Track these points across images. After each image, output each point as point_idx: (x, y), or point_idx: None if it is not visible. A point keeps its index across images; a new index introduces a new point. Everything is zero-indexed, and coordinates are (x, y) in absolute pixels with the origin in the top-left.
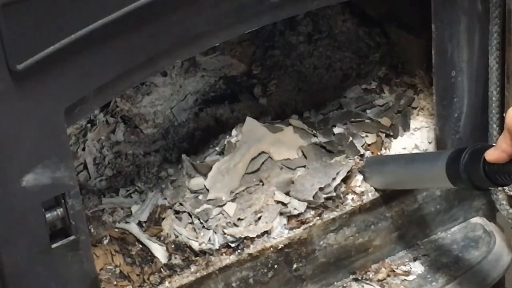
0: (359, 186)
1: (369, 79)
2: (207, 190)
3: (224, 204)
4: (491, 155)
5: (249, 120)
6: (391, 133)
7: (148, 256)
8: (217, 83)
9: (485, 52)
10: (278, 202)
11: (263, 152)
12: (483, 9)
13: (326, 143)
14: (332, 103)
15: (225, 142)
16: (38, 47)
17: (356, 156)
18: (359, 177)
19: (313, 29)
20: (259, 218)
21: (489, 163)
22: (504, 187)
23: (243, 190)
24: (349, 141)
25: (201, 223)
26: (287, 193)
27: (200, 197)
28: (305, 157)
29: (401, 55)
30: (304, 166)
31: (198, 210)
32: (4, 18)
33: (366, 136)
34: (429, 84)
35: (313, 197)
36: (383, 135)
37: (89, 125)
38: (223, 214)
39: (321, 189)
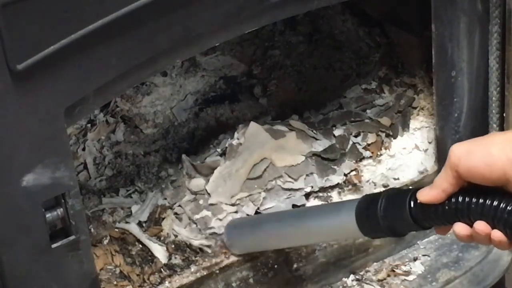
0: (359, 183)
1: (369, 79)
2: (208, 194)
3: (224, 217)
4: (426, 195)
5: (252, 125)
6: (391, 133)
7: (148, 256)
8: (217, 83)
9: (485, 52)
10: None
11: (265, 158)
12: (483, 9)
13: (327, 149)
14: (332, 103)
15: (227, 145)
16: (38, 47)
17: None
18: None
19: (313, 29)
20: None
21: (417, 206)
22: None
23: (246, 197)
24: (350, 144)
25: (200, 229)
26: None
27: (201, 201)
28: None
29: (401, 55)
30: (306, 174)
31: (197, 216)
32: (4, 18)
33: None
34: (429, 84)
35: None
36: (383, 135)
37: (89, 125)
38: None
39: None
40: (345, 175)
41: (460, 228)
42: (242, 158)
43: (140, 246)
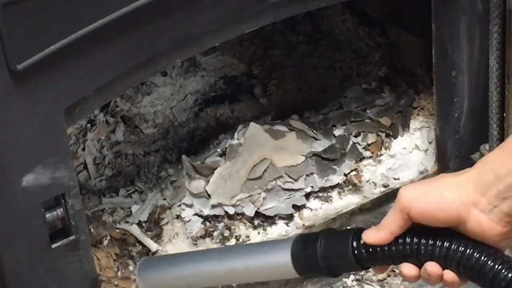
0: (359, 183)
1: (369, 79)
2: (208, 195)
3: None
4: (373, 237)
5: (252, 126)
6: (391, 133)
7: None
8: (217, 83)
9: (485, 52)
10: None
11: (265, 158)
12: (483, 9)
13: (327, 149)
14: (332, 103)
15: (227, 145)
16: (38, 47)
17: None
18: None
19: (313, 29)
20: None
21: (360, 247)
22: None
23: (246, 198)
24: (350, 144)
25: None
26: None
27: (198, 205)
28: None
29: (401, 55)
30: (306, 174)
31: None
32: (4, 18)
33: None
34: (429, 84)
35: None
36: (383, 135)
37: (89, 125)
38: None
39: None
40: (345, 175)
41: (407, 268)
42: (242, 159)
43: (141, 247)
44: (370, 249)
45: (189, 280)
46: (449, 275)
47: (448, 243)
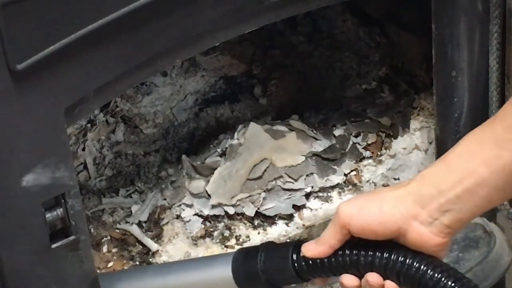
0: (360, 183)
1: (369, 79)
2: (208, 195)
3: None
4: (313, 251)
5: (252, 126)
6: (391, 133)
7: (148, 257)
8: (217, 83)
9: (485, 52)
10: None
11: (265, 158)
12: (483, 9)
13: (327, 149)
14: (332, 103)
15: (227, 145)
16: (38, 47)
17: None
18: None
19: (313, 29)
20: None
21: (300, 259)
22: None
23: (246, 198)
24: (350, 144)
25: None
26: None
27: (198, 205)
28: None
29: (401, 55)
30: (306, 174)
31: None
32: (4, 18)
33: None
34: (429, 84)
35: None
36: (383, 135)
37: (89, 125)
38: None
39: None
40: (345, 175)
41: (348, 280)
42: (242, 159)
43: (141, 247)
44: (310, 262)
45: None
46: (391, 285)
47: (387, 254)
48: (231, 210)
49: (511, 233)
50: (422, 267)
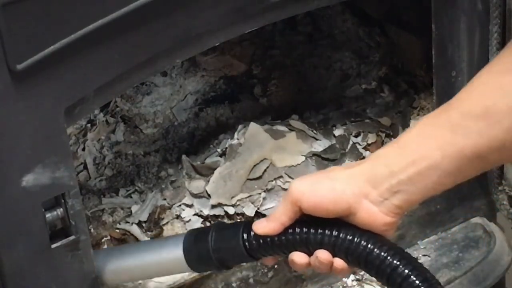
0: None
1: (369, 79)
2: (208, 195)
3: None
4: (264, 228)
5: (252, 125)
6: (391, 133)
7: None
8: (217, 83)
9: (485, 52)
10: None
11: (265, 158)
12: (483, 9)
13: (327, 149)
14: (332, 103)
15: (227, 145)
16: (38, 47)
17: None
18: None
19: (313, 29)
20: None
21: (250, 238)
22: (506, 189)
23: (246, 198)
24: (351, 144)
25: None
26: None
27: (198, 205)
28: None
29: (401, 55)
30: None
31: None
32: (4, 18)
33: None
34: (429, 84)
35: None
36: (383, 135)
37: (89, 125)
38: None
39: None
40: None
41: (298, 257)
42: (242, 159)
43: None
44: (261, 240)
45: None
46: (339, 262)
47: (336, 232)
48: (231, 210)
49: (511, 233)
50: (369, 245)
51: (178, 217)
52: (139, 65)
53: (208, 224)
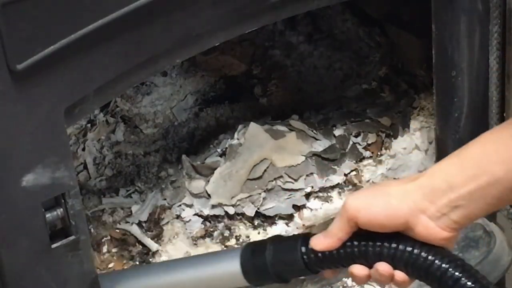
0: (360, 183)
1: (369, 79)
2: (208, 195)
3: None
4: (321, 244)
5: (252, 125)
6: (391, 133)
7: (148, 257)
8: (217, 83)
9: (485, 52)
10: None
11: (265, 158)
12: (483, 9)
13: (327, 149)
14: (332, 103)
15: (227, 145)
16: (38, 47)
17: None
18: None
19: (313, 29)
20: None
21: (309, 252)
22: None
23: (246, 198)
24: (351, 144)
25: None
26: None
27: (198, 205)
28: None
29: (401, 55)
30: (306, 174)
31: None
32: (4, 18)
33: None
34: (429, 84)
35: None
36: (383, 135)
37: (89, 125)
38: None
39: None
40: (345, 175)
41: (358, 270)
42: (242, 159)
43: (141, 247)
44: (319, 254)
45: None
46: (400, 275)
47: (395, 244)
48: (231, 210)
49: (511, 233)
50: (429, 257)
51: (178, 217)
52: (139, 65)
53: (208, 224)
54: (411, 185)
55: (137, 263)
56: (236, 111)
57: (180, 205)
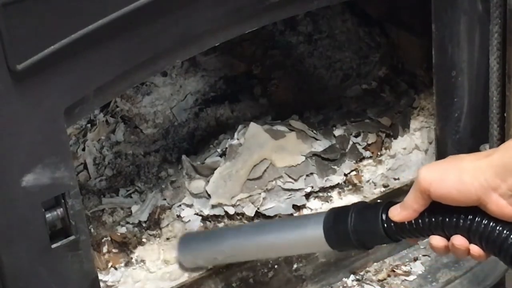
0: (360, 183)
1: (369, 79)
2: (208, 195)
3: None
4: (398, 215)
5: (252, 125)
6: (391, 133)
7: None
8: (217, 83)
9: (485, 52)
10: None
11: (265, 158)
12: (484, 9)
13: (327, 149)
14: (332, 103)
15: (227, 145)
16: (38, 47)
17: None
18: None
19: (313, 29)
20: None
21: (389, 220)
22: None
23: (246, 198)
24: (351, 144)
25: None
26: None
27: (198, 205)
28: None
29: (401, 55)
30: (306, 174)
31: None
32: (4, 18)
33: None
34: (429, 84)
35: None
36: (383, 135)
37: (89, 125)
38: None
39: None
40: (345, 175)
41: (437, 240)
42: (242, 159)
43: (141, 247)
44: (398, 224)
45: (226, 254)
46: (475, 249)
47: (471, 216)
48: (231, 210)
49: None
50: (505, 231)
51: (178, 217)
52: (139, 65)
53: (208, 224)
54: (484, 162)
55: (138, 264)
56: (236, 111)
57: (180, 205)
